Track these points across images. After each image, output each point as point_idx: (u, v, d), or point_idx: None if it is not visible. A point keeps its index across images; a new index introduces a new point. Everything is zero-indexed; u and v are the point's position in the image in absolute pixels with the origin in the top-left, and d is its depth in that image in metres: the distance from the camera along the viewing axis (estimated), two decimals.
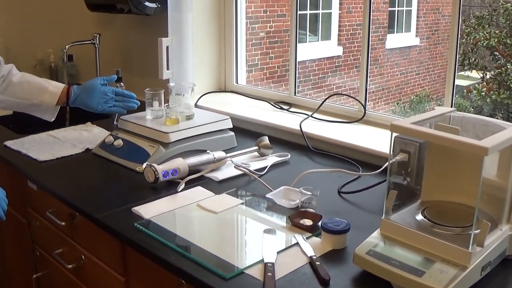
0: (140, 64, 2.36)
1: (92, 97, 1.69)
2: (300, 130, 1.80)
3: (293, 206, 1.31)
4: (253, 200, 1.39)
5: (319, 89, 6.27)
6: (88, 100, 1.69)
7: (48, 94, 1.69)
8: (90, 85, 1.71)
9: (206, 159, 1.55)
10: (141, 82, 2.25)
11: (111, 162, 1.64)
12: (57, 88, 1.70)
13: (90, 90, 1.69)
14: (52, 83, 1.71)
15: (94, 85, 1.70)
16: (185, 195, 1.40)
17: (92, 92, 1.69)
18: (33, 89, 1.68)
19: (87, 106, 1.71)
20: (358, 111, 1.90)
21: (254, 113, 2.02)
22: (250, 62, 5.29)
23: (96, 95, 1.69)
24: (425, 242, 1.00)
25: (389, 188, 1.08)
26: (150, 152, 1.58)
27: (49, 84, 1.70)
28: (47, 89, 1.69)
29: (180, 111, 1.70)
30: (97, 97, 1.69)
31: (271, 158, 1.66)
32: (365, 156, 1.64)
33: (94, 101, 1.69)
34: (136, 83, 2.30)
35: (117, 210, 1.31)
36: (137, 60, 2.38)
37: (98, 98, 1.69)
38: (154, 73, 1.82)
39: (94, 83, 1.71)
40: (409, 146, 1.08)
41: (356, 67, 6.44)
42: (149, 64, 2.19)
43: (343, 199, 1.39)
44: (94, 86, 1.70)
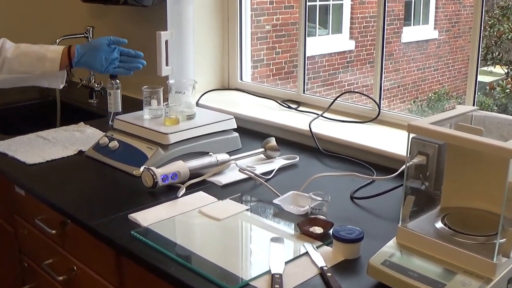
0: None
1: (96, 57, 1.69)
2: (309, 131, 1.80)
3: (302, 212, 1.31)
4: (259, 206, 1.39)
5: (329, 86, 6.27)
6: (92, 61, 1.69)
7: (48, 61, 1.68)
8: (95, 44, 1.71)
9: (209, 162, 1.55)
10: (138, 79, 2.25)
11: (105, 165, 1.64)
12: (56, 53, 1.69)
13: (95, 49, 1.70)
14: (50, 49, 1.70)
15: (100, 44, 1.71)
16: (185, 200, 1.40)
17: (97, 52, 1.69)
18: (31, 61, 1.68)
19: (91, 66, 1.72)
20: (372, 110, 1.90)
21: (260, 113, 2.02)
22: (255, 58, 5.29)
23: (100, 55, 1.69)
24: (446, 252, 1.00)
25: (406, 193, 1.08)
26: (148, 155, 1.59)
27: (47, 50, 1.70)
28: (46, 57, 1.68)
29: (180, 110, 1.70)
30: (101, 58, 1.70)
31: (278, 161, 1.66)
32: (379, 158, 1.64)
33: (98, 62, 1.70)
34: (132, 80, 2.30)
35: (112, 217, 1.32)
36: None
37: (102, 59, 1.70)
38: (152, 69, 1.82)
39: (100, 42, 1.71)
40: (427, 148, 1.08)
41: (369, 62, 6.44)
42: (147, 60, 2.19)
43: (356, 205, 1.39)
44: (99, 46, 1.70)
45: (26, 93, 2.40)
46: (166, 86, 1.74)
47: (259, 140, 1.75)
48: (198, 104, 2.07)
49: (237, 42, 2.28)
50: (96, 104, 2.36)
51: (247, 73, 2.35)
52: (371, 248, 1.10)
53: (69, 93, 2.47)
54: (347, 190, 1.46)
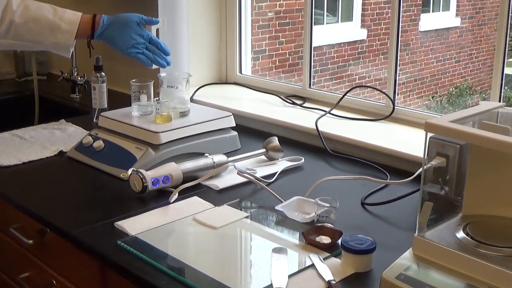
0: None
1: (122, 34, 1.66)
2: (316, 130, 1.80)
3: (308, 220, 1.31)
4: (260, 213, 1.39)
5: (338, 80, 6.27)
6: (118, 37, 1.66)
7: (61, 33, 1.66)
8: (124, 19, 1.68)
9: (204, 164, 1.55)
10: (126, 72, 2.25)
11: (89, 167, 1.64)
12: (72, 24, 1.66)
13: (123, 25, 1.66)
14: (65, 17, 1.67)
15: (130, 20, 1.67)
16: (178, 207, 1.40)
17: (124, 28, 1.66)
18: (41, 30, 1.65)
19: (114, 42, 1.68)
20: (385, 107, 1.90)
21: (261, 109, 2.02)
22: (257, 48, 5.30)
23: (127, 33, 1.65)
24: (468, 265, 1.00)
25: (423, 199, 1.08)
26: (137, 156, 1.59)
27: (61, 19, 1.66)
28: (60, 28, 1.65)
29: (172, 106, 1.70)
30: (128, 36, 1.65)
31: (282, 163, 1.66)
32: (394, 160, 1.64)
33: (123, 40, 1.66)
34: (120, 73, 2.30)
35: (96, 225, 1.32)
36: None
37: (129, 37, 1.65)
38: None
39: (130, 18, 1.67)
40: (447, 148, 1.08)
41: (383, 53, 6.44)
42: None
43: (367, 212, 1.39)
44: (129, 22, 1.67)
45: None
46: (157, 79, 1.74)
47: (260, 139, 1.75)
48: (192, 99, 2.07)
49: (236, 31, 2.28)
50: (79, 100, 2.35)
51: (247, 65, 2.34)
52: (384, 260, 1.09)
53: (48, 87, 2.47)
54: (358, 196, 1.45)
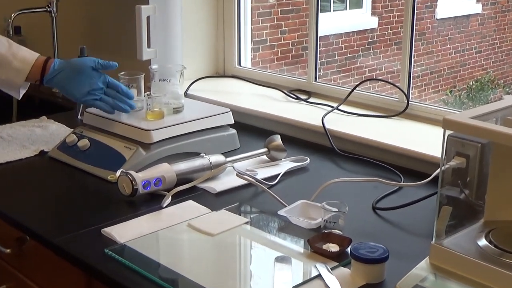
0: (112, 40, 2.36)
1: (76, 81, 1.64)
2: (322, 127, 1.81)
3: (314, 226, 1.31)
4: (261, 219, 1.39)
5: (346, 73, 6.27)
6: (70, 83, 1.64)
7: (11, 70, 1.65)
8: (77, 64, 1.66)
9: (200, 165, 1.55)
10: None
11: (74, 168, 1.64)
12: (25, 64, 1.66)
13: (76, 71, 1.64)
14: (19, 54, 1.66)
15: (83, 66, 1.65)
16: (172, 212, 1.40)
17: (78, 75, 1.64)
18: None
19: (66, 91, 1.66)
20: (398, 102, 1.90)
21: (262, 105, 2.02)
22: (257, 38, 5.30)
23: (82, 79, 1.63)
24: (491, 276, 1.00)
25: (441, 203, 1.08)
26: (126, 156, 1.59)
27: (14, 56, 1.65)
28: (11, 64, 1.65)
29: (165, 102, 1.70)
30: (82, 83, 1.63)
31: (285, 164, 1.66)
32: (408, 161, 1.64)
33: (77, 87, 1.64)
34: None
35: (82, 232, 1.32)
36: (108, 34, 2.39)
37: (83, 84, 1.63)
38: (130, 52, 1.82)
39: (83, 63, 1.66)
40: (467, 148, 1.08)
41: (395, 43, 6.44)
42: (124, 40, 2.19)
43: (379, 218, 1.39)
44: (82, 68, 1.64)
45: None
46: (148, 72, 1.74)
47: (261, 138, 1.76)
48: (187, 94, 2.07)
49: (234, 19, 2.28)
50: (62, 94, 2.35)
51: (247, 57, 2.34)
52: (398, 270, 1.10)
53: None
54: (369, 199, 1.46)
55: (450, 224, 1.08)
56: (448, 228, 1.08)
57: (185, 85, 1.97)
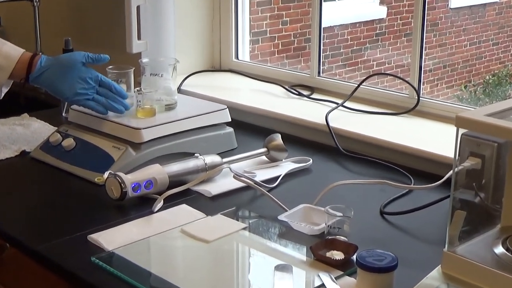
0: (100, 31, 2.36)
1: (65, 78, 1.61)
2: (326, 125, 1.81)
3: (317, 232, 1.31)
4: (260, 224, 1.39)
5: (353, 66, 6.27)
6: (58, 81, 1.61)
7: None
8: (66, 60, 1.63)
9: (194, 166, 1.55)
10: None
11: (58, 170, 1.64)
12: (9, 60, 1.62)
13: (65, 67, 1.62)
14: (2, 51, 1.62)
15: (73, 61, 1.62)
16: (164, 217, 1.40)
17: (67, 72, 1.61)
18: None
19: (54, 89, 1.63)
20: (408, 98, 1.90)
21: (262, 101, 2.02)
22: (256, 30, 5.29)
23: (71, 76, 1.61)
24: (508, 285, 1.00)
25: (454, 207, 1.08)
26: (115, 156, 1.59)
27: None
28: None
29: (156, 98, 1.70)
30: (73, 80, 1.60)
31: (286, 165, 1.66)
32: (419, 161, 1.64)
33: (67, 85, 1.61)
34: None
35: (66, 238, 1.32)
36: (95, 25, 2.39)
37: (74, 81, 1.60)
38: (119, 44, 1.82)
39: (73, 58, 1.63)
40: (483, 147, 1.08)
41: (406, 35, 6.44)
42: (113, 32, 2.19)
43: (387, 223, 1.39)
44: (72, 63, 1.62)
45: None
46: (138, 66, 1.74)
47: (261, 137, 1.76)
48: (180, 90, 2.07)
49: (232, 8, 2.28)
50: (45, 90, 2.35)
51: (245, 49, 2.34)
52: (408, 280, 1.09)
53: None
54: (376, 203, 1.46)
55: (464, 230, 1.08)
56: (462, 234, 1.08)
57: (178, 80, 1.97)
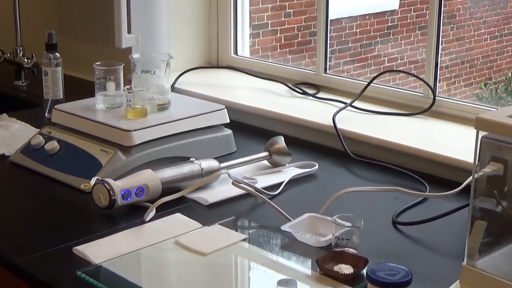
0: (86, 24, 2.36)
1: None
2: (333, 127, 1.81)
3: (323, 244, 1.31)
4: (261, 235, 1.39)
5: (362, 63, 6.27)
6: None
7: None
8: None
9: (189, 172, 1.55)
10: (88, 53, 2.25)
11: (40, 175, 1.64)
12: None
13: None
14: None
15: None
16: (156, 227, 1.40)
17: None
18: None
19: None
20: (423, 97, 1.90)
21: (263, 101, 2.02)
22: (256, 22, 5.30)
23: None
24: None
25: (474, 217, 1.07)
26: (102, 161, 1.59)
27: None
28: None
29: (148, 97, 1.70)
30: None
31: (289, 170, 1.66)
32: (435, 167, 1.64)
33: None
34: (79, 53, 2.30)
35: (49, 251, 1.31)
36: (80, 17, 2.39)
37: None
38: (107, 38, 1.82)
39: None
40: (505, 152, 1.08)
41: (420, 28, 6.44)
42: (100, 25, 2.19)
43: (400, 234, 1.39)
44: None
45: None
46: (129, 62, 1.74)
47: (262, 140, 1.76)
48: (174, 88, 2.07)
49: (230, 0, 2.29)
50: (26, 88, 2.35)
51: (244, 44, 2.35)
52: None
53: None
54: (388, 212, 1.45)
55: (484, 242, 1.08)
56: (482, 246, 1.07)
57: (172, 78, 1.97)
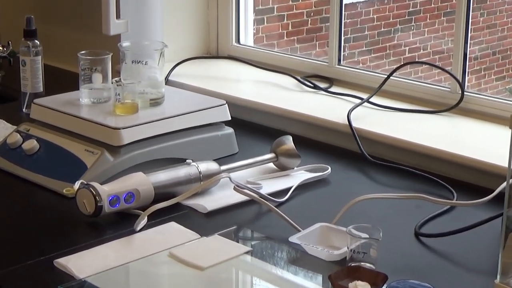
0: (69, 7, 2.37)
1: None
2: (348, 126, 1.81)
3: (337, 258, 1.31)
4: (267, 247, 1.40)
5: (380, 53, 6.27)
6: None
7: None
8: None
9: (186, 175, 1.55)
10: (72, 40, 2.26)
11: (17, 179, 1.65)
12: None
13: None
14: None
15: None
16: (148, 237, 1.40)
17: None
18: None
19: None
20: (449, 93, 1.91)
21: (269, 95, 2.02)
22: (260, 6, 5.30)
23: None
24: None
25: (508, 228, 1.08)
26: (87, 163, 1.59)
27: None
28: None
29: (139, 91, 1.70)
30: None
31: (298, 175, 1.67)
32: (462, 171, 1.64)
33: None
34: (62, 41, 2.31)
35: (28, 264, 1.31)
36: (63, 0, 2.39)
37: None
38: (93, 24, 1.82)
39: None
40: None
41: (445, 14, 6.43)
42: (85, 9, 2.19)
43: (424, 247, 1.39)
44: None
45: None
46: (117, 51, 1.75)
47: (267, 140, 1.76)
48: (168, 81, 2.07)
49: None
50: (1, 80, 2.36)
51: (247, 31, 2.35)
52: None
53: None
54: (410, 223, 1.45)
55: None
56: None
57: (166, 69, 1.97)
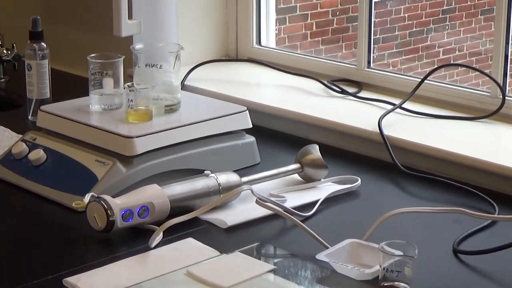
0: (78, 8, 2.38)
1: None
2: (379, 134, 1.81)
3: (369, 277, 1.31)
4: (291, 265, 1.39)
5: (412, 54, 6.26)
6: None
7: None
8: None
9: (204, 188, 1.55)
10: (81, 42, 2.26)
11: (23, 191, 1.65)
12: None
13: None
14: None
15: None
16: (163, 254, 1.40)
17: None
18: None
19: None
20: (489, 97, 1.90)
21: (293, 101, 2.03)
22: (282, 5, 5.31)
23: None
24: None
25: None
26: (98, 174, 1.60)
27: None
28: None
29: (154, 96, 1.71)
30: None
31: (326, 187, 1.66)
32: (505, 183, 1.64)
33: None
34: (70, 44, 2.32)
35: (34, 283, 1.32)
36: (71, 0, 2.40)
37: None
38: (104, 25, 1.83)
39: None
40: None
41: (482, 12, 6.42)
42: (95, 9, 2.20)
43: (463, 265, 1.39)
44: None
45: None
46: (130, 54, 1.75)
47: (292, 149, 1.76)
48: (184, 86, 2.08)
49: None
50: (5, 85, 2.37)
51: (269, 32, 2.35)
52: None
53: None
54: (448, 239, 1.45)
55: None
56: None
57: (182, 73, 1.98)
